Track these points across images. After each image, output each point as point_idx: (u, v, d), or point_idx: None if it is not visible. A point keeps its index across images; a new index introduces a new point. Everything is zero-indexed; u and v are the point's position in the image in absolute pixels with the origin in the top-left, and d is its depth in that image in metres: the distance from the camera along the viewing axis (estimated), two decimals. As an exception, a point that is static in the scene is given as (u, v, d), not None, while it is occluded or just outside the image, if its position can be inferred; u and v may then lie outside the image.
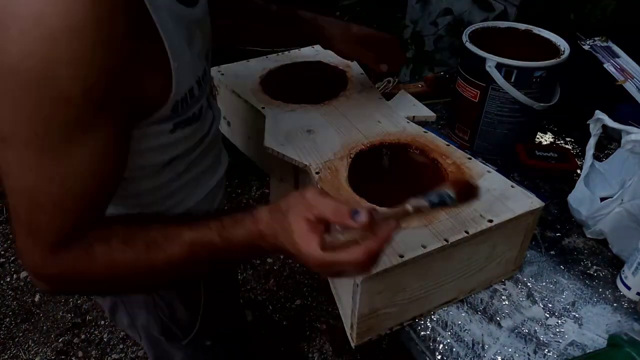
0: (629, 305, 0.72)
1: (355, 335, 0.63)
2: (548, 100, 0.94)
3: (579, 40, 1.17)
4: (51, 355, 1.71)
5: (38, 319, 1.83)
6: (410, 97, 0.96)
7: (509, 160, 0.98)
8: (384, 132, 0.81)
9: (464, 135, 1.02)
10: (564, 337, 0.68)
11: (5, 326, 1.80)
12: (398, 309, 0.64)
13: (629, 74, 1.08)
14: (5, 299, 1.90)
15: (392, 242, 0.58)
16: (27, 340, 1.75)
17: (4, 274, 2.00)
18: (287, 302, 1.86)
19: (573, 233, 0.85)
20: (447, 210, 0.64)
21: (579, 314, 0.71)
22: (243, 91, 0.94)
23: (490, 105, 0.94)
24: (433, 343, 0.67)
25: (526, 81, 0.90)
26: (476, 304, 0.72)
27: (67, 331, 1.78)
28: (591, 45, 1.16)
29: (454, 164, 0.73)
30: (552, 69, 0.89)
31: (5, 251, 2.10)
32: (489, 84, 0.91)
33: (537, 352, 0.66)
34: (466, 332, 0.68)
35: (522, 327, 0.69)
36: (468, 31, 0.98)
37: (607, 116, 0.79)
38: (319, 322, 1.79)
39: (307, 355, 1.69)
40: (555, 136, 1.09)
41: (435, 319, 0.70)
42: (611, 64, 1.10)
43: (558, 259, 0.80)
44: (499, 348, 0.66)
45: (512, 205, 0.66)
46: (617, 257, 0.79)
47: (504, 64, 0.89)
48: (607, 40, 1.17)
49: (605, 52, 1.14)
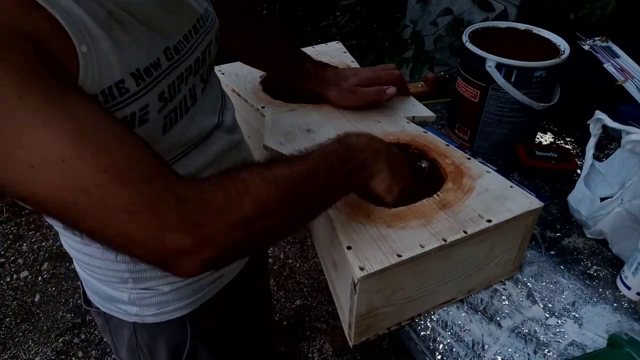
0: (629, 305, 0.72)
1: (353, 334, 0.63)
2: (548, 100, 0.94)
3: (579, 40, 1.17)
4: (51, 355, 1.71)
5: (38, 319, 1.83)
6: (410, 97, 0.96)
7: (509, 160, 0.98)
8: (384, 131, 0.81)
9: (464, 135, 1.02)
10: (564, 337, 0.68)
11: (5, 326, 1.80)
12: (396, 308, 0.64)
13: (629, 74, 1.08)
14: (5, 299, 1.90)
15: (391, 241, 0.59)
16: (27, 340, 1.75)
17: (4, 274, 2.00)
18: (287, 302, 1.86)
19: (573, 233, 0.85)
20: (446, 210, 0.64)
21: (579, 314, 0.71)
22: (243, 90, 0.94)
23: (490, 105, 0.94)
24: (433, 343, 0.67)
25: (526, 81, 0.90)
26: (476, 304, 0.72)
27: (67, 331, 1.78)
28: (591, 45, 1.16)
29: (453, 164, 0.73)
30: (552, 69, 0.89)
31: (5, 251, 2.11)
32: (489, 84, 0.91)
33: (537, 352, 0.66)
34: (466, 332, 0.68)
35: (522, 327, 0.69)
36: (468, 31, 0.98)
37: (607, 116, 0.80)
38: (319, 322, 1.79)
39: (307, 355, 1.69)
40: (555, 136, 1.09)
41: (435, 319, 0.70)
42: (611, 64, 1.10)
43: (558, 259, 0.80)
44: (499, 348, 0.66)
45: (510, 205, 0.66)
46: (617, 257, 0.79)
47: (504, 64, 0.89)
48: (607, 40, 1.17)
49: (605, 52, 1.14)
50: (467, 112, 0.99)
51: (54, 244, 2.14)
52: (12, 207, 2.31)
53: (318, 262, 1.95)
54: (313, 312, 1.82)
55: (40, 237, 2.18)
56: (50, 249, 2.12)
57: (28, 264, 2.05)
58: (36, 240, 2.16)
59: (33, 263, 2.06)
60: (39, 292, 1.93)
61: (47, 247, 2.12)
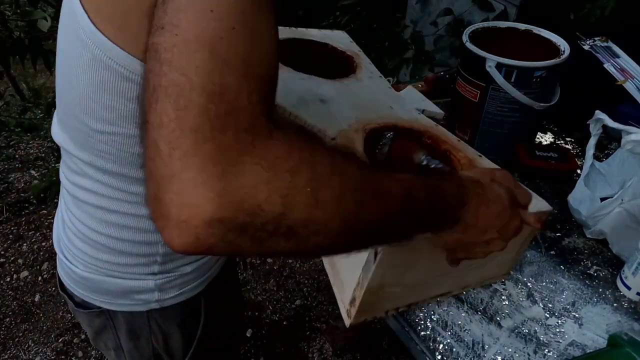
0: (629, 305, 0.72)
1: (355, 311, 0.61)
2: (548, 100, 0.94)
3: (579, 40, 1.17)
4: (51, 355, 1.71)
5: (38, 319, 1.83)
6: (419, 93, 0.96)
7: (509, 160, 0.98)
8: (397, 116, 0.79)
9: (464, 135, 1.02)
10: (564, 337, 0.68)
11: (5, 326, 1.80)
12: (400, 290, 0.63)
13: (629, 74, 1.08)
14: (5, 299, 1.90)
15: None
16: (27, 340, 1.75)
17: (4, 274, 2.00)
18: (287, 302, 1.86)
19: (573, 233, 0.85)
20: None
21: (579, 314, 0.71)
22: None
23: (490, 105, 0.94)
24: (433, 343, 0.67)
25: (526, 81, 0.90)
26: (476, 304, 0.72)
27: (67, 331, 1.78)
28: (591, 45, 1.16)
29: (466, 158, 0.72)
30: (552, 69, 0.89)
31: (5, 251, 2.11)
32: (489, 84, 0.91)
33: (537, 352, 0.66)
34: (466, 332, 0.68)
35: (522, 327, 0.69)
36: (468, 31, 0.98)
37: (607, 116, 0.80)
38: (319, 322, 1.79)
39: (307, 355, 1.69)
40: (555, 136, 1.09)
41: (435, 319, 0.70)
42: (611, 64, 1.10)
43: (558, 259, 0.80)
44: (499, 348, 0.66)
45: None
46: (617, 257, 0.79)
47: (504, 64, 0.89)
48: (607, 40, 1.17)
49: (605, 52, 1.14)
50: (467, 112, 0.99)
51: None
52: (12, 207, 2.32)
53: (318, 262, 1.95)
54: (313, 312, 1.82)
55: (40, 237, 2.18)
56: (50, 249, 2.12)
57: (28, 264, 2.05)
58: (36, 240, 2.16)
59: (33, 263, 2.06)
60: (39, 292, 1.93)
61: (47, 247, 2.12)
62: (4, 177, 2.49)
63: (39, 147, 2.71)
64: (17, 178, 2.49)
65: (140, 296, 0.69)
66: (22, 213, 2.29)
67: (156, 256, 0.65)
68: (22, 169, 2.55)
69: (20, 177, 2.50)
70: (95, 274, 0.68)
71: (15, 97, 2.57)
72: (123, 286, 0.68)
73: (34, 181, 2.44)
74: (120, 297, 0.69)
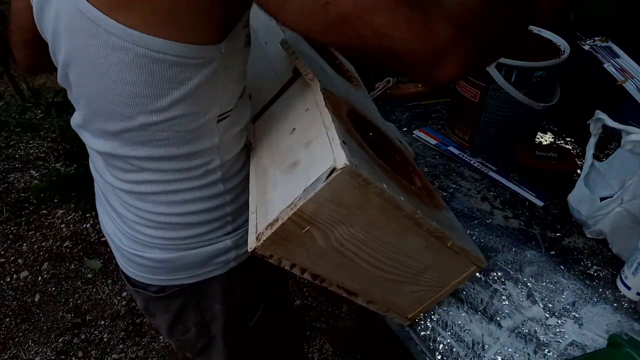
0: (629, 305, 0.72)
1: (270, 234, 0.51)
2: (548, 100, 0.94)
3: (579, 40, 1.17)
4: (51, 355, 1.71)
5: (38, 319, 1.83)
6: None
7: (509, 160, 0.98)
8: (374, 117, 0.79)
9: (464, 135, 1.02)
10: (564, 337, 0.68)
11: (5, 326, 1.80)
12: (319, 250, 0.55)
13: (629, 74, 1.08)
14: (5, 299, 1.90)
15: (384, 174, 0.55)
16: (27, 340, 1.75)
17: (4, 274, 2.00)
18: (287, 302, 1.87)
19: (573, 233, 0.85)
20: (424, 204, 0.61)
21: (579, 314, 0.71)
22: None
23: (490, 105, 0.94)
24: (433, 343, 0.67)
25: (526, 81, 0.90)
26: (476, 304, 0.72)
27: (67, 331, 1.78)
28: (591, 45, 1.16)
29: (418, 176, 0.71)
30: (552, 69, 0.89)
31: (5, 251, 2.11)
32: (489, 84, 0.92)
33: (537, 352, 0.66)
34: (466, 332, 0.68)
35: (522, 327, 0.69)
36: (468, 31, 0.98)
37: (607, 116, 0.79)
38: (319, 322, 1.79)
39: (307, 355, 1.69)
40: (555, 136, 1.09)
41: (435, 319, 0.70)
42: (611, 64, 1.10)
43: (558, 259, 0.80)
44: (499, 348, 0.66)
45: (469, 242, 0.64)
46: (617, 257, 0.79)
47: (504, 64, 0.89)
48: (607, 40, 1.17)
49: (605, 52, 1.14)
50: (467, 112, 0.99)
51: (54, 244, 2.14)
52: (12, 207, 2.32)
53: (318, 262, 1.95)
54: (313, 312, 1.82)
55: (40, 237, 2.18)
56: (50, 249, 2.12)
57: (28, 264, 2.05)
58: (36, 240, 2.16)
59: (33, 263, 2.06)
60: (39, 292, 1.93)
61: (47, 247, 2.12)
62: (4, 177, 2.49)
63: (39, 147, 2.71)
64: (17, 178, 2.49)
65: (220, 259, 0.71)
66: (22, 213, 2.29)
67: (227, 217, 0.68)
68: (22, 169, 2.55)
69: (20, 177, 2.50)
70: (174, 252, 0.70)
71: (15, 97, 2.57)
72: (203, 254, 0.70)
73: (34, 181, 2.44)
74: (201, 266, 0.71)
